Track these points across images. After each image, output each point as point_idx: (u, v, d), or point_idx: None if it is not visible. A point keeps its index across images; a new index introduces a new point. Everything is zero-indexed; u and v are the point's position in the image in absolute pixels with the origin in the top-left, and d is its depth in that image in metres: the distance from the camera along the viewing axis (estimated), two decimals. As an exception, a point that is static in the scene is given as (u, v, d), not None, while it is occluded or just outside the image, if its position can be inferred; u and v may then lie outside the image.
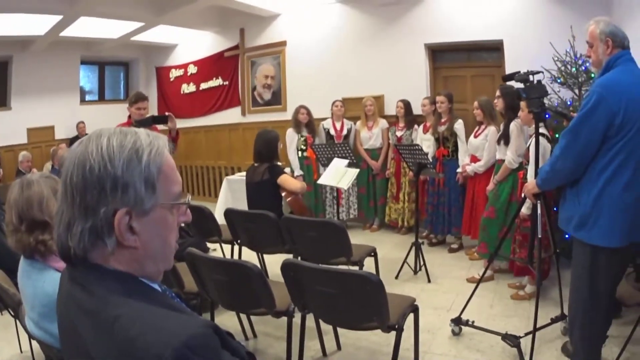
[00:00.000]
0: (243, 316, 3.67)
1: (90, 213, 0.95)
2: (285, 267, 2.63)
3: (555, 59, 5.14)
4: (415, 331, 2.96)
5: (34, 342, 3.14)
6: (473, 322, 3.59)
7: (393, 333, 2.60)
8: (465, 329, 3.65)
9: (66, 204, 0.98)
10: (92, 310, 0.93)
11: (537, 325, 3.23)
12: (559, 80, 5.06)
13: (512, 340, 3.27)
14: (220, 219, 4.41)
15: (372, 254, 3.91)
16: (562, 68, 5.07)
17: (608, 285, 2.76)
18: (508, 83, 3.90)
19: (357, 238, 5.91)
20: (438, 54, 7.13)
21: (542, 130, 3.96)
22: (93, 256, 0.98)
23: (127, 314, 0.91)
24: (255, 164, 4.30)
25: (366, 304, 2.50)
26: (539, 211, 3.22)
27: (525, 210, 3.83)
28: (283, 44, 8.21)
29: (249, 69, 8.75)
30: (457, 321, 3.67)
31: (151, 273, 1.05)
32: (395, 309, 2.62)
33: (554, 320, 3.57)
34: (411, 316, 2.81)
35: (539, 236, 3.25)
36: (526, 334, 3.28)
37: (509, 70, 5.92)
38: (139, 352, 0.86)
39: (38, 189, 2.08)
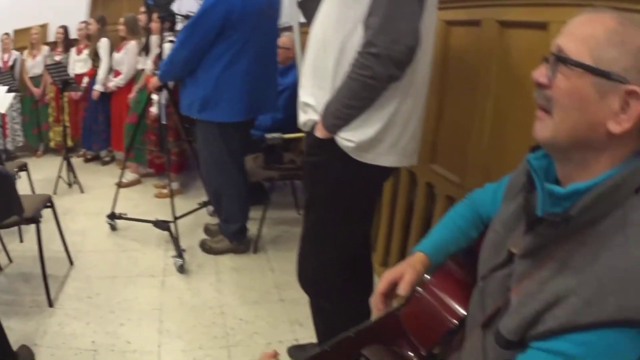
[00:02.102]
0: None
1: None
2: None
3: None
4: (57, 224, 3.37)
5: None
6: (126, 214, 3.91)
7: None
8: (119, 225, 4.02)
9: None
10: None
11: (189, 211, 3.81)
12: None
13: (162, 225, 3.61)
14: None
15: (24, 168, 4.15)
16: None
17: (237, 154, 3.24)
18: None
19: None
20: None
21: (172, 38, 4.19)
22: None
23: None
24: None
25: (4, 200, 2.73)
26: (162, 101, 3.53)
27: (155, 110, 4.16)
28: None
29: None
30: (112, 216, 3.95)
31: None
32: (32, 205, 3.01)
33: (202, 205, 4.01)
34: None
35: (164, 122, 3.54)
36: (176, 219, 3.55)
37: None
38: None
39: None
